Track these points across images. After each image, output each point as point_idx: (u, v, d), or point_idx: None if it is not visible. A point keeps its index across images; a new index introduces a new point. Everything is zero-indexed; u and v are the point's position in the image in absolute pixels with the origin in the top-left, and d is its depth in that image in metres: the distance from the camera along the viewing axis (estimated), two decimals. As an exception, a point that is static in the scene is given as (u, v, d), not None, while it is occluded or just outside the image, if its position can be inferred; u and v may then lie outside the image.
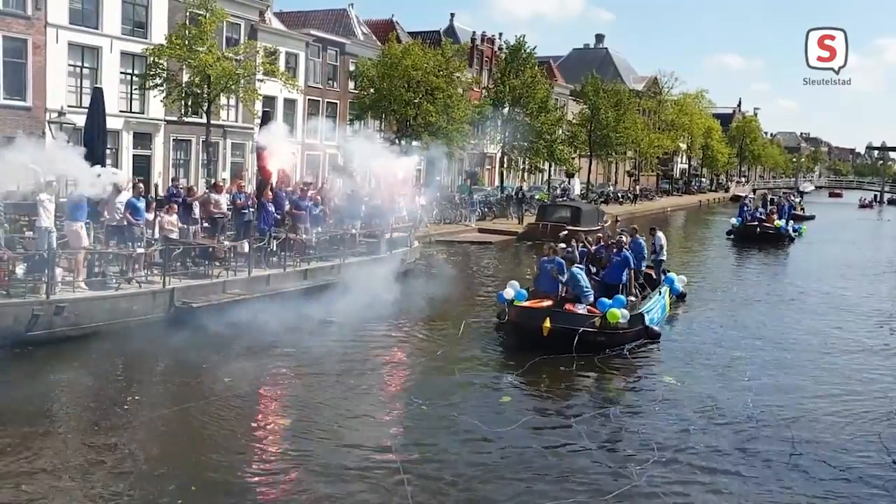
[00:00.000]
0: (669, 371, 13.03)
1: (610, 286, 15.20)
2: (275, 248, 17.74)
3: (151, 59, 25.79)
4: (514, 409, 10.78)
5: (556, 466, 8.98)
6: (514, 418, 10.32)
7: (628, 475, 8.61)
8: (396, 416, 10.45)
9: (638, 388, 12.37)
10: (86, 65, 26.73)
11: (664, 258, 19.12)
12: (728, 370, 13.35)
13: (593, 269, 16.19)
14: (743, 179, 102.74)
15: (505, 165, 47.25)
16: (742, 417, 10.79)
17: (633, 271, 16.04)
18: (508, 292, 14.99)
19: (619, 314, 13.80)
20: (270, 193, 17.76)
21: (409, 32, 46.25)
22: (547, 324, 13.28)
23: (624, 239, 16.32)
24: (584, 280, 14.73)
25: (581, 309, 14.05)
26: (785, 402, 11.59)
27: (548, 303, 14.39)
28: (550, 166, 50.37)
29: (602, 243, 17.17)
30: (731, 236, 37.27)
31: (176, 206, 16.57)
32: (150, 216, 16.08)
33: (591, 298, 14.40)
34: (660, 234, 19.18)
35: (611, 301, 14.15)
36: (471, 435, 9.70)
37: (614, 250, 15.87)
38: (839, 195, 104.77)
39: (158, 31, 27.92)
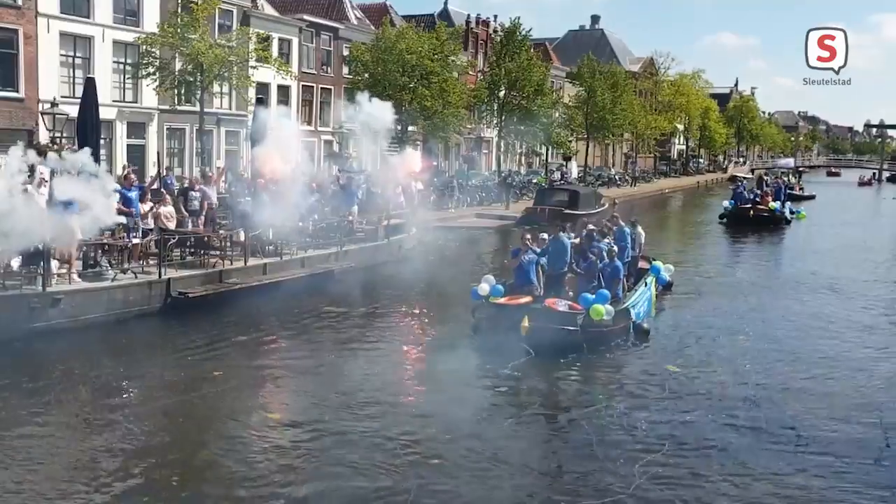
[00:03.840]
0: (662, 364, 12.54)
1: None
2: (271, 237, 17.69)
3: (144, 47, 25.67)
4: (504, 408, 10.58)
5: (553, 467, 8.87)
6: (506, 417, 10.15)
7: (630, 473, 8.45)
8: (389, 412, 10.29)
9: (629, 383, 11.84)
10: (78, 54, 26.56)
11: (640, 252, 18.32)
12: (723, 361, 12.99)
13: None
14: (741, 159, 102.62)
15: (502, 150, 47.07)
16: (743, 408, 10.61)
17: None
18: (483, 288, 13.54)
19: (604, 310, 12.74)
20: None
21: (402, 16, 46.02)
22: (525, 323, 12.20)
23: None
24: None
25: (562, 306, 12.99)
26: (784, 396, 11.36)
27: (526, 299, 13.11)
28: (548, 150, 50.21)
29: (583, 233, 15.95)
30: (724, 220, 35.82)
31: (170, 198, 16.50)
32: (146, 206, 16.01)
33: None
34: (640, 228, 18.15)
35: (593, 296, 13.04)
36: (464, 434, 9.45)
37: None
38: (837, 174, 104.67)
39: (150, 20, 27.76)
